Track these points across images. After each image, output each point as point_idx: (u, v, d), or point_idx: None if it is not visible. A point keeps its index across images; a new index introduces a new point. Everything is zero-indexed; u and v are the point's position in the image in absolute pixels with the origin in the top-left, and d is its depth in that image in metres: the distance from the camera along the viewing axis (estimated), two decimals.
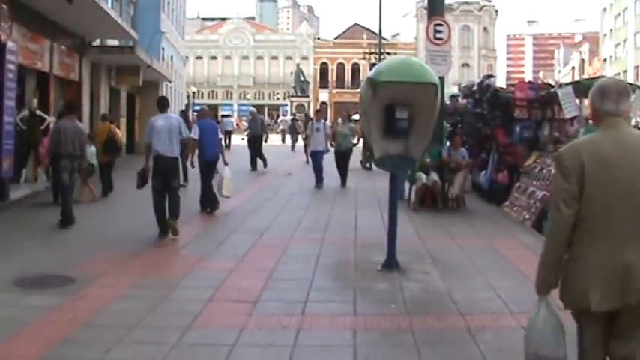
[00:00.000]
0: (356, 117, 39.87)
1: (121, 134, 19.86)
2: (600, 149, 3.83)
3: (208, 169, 13.85)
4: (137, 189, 11.54)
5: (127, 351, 5.75)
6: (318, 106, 39.57)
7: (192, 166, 14.01)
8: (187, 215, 13.60)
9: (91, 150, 15.24)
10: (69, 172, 12.10)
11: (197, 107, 35.28)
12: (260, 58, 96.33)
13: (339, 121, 23.06)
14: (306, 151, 19.81)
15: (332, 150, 19.87)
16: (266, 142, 25.24)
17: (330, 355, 5.77)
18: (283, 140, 47.39)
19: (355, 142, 20.43)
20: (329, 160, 19.57)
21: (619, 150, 3.81)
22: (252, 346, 5.94)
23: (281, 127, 54.19)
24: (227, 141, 32.21)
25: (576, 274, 3.86)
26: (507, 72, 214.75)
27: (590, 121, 12.87)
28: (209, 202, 13.89)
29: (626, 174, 3.77)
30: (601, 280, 3.76)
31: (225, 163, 14.09)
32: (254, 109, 21.63)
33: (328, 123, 21.25)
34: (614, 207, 3.78)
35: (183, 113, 22.06)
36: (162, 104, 11.74)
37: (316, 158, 19.22)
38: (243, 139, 25.78)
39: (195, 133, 13.50)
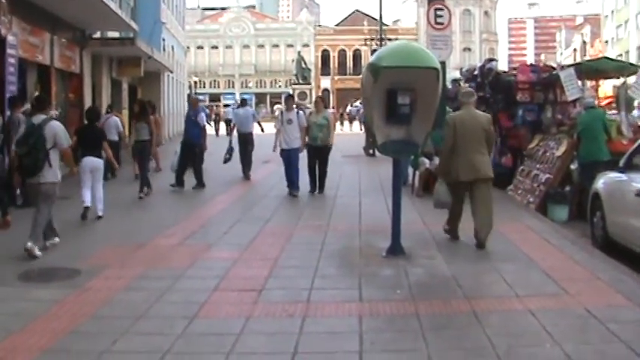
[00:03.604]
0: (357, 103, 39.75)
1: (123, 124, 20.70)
2: (462, 116, 9.43)
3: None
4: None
5: (133, 342, 5.77)
6: (292, 93, 30.58)
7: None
8: (192, 206, 13.62)
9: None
10: None
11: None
12: (261, 46, 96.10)
13: (311, 108, 18.50)
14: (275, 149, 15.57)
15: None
16: None
17: (337, 342, 5.77)
18: None
19: (330, 138, 15.43)
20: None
21: (469, 116, 9.39)
22: (258, 335, 5.95)
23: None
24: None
25: (454, 165, 9.27)
26: (509, 55, 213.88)
27: (578, 108, 14.02)
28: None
29: (473, 125, 9.30)
30: (463, 167, 9.16)
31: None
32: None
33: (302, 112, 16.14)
34: (468, 139, 9.18)
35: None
36: (242, 102, 21.14)
37: (289, 157, 15.03)
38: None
39: (201, 120, 16.82)
